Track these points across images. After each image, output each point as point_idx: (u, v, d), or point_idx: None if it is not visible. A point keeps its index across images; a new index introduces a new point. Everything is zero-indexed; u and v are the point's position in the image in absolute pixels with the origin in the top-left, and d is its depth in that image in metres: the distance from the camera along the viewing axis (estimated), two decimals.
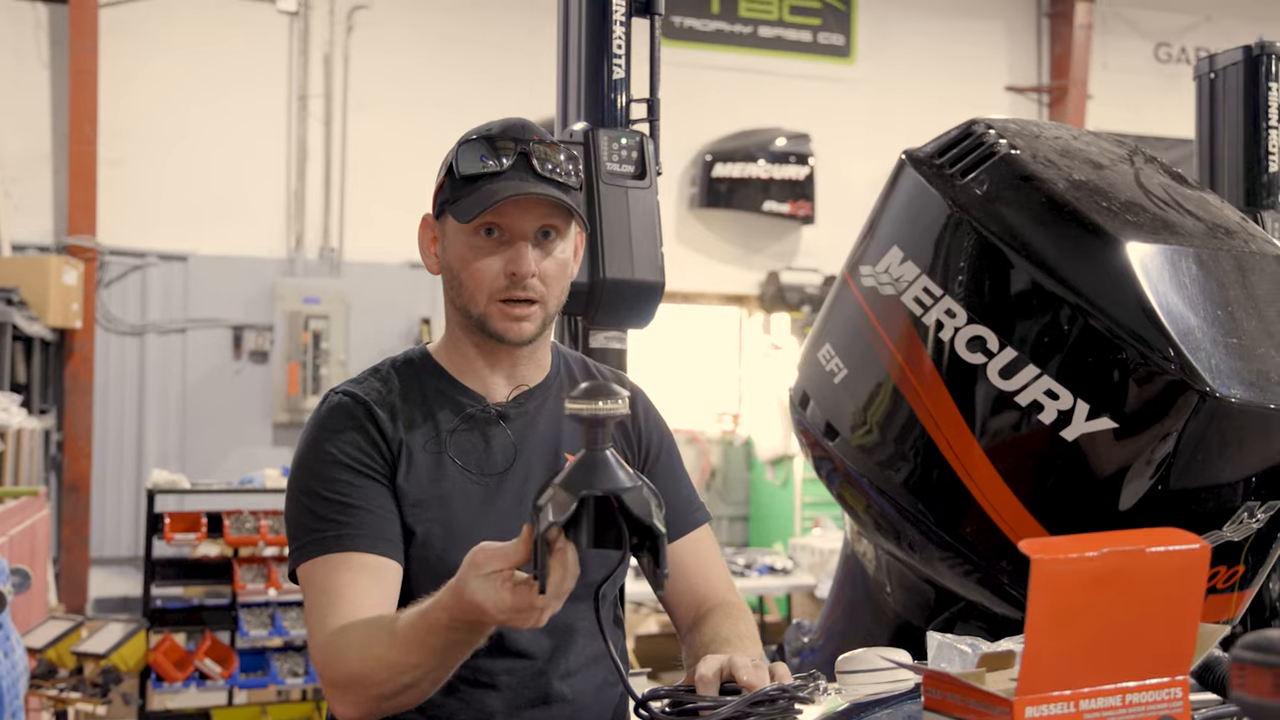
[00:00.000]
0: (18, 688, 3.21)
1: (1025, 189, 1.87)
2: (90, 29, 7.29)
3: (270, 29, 7.87)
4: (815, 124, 8.65)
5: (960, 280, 1.90)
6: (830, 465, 2.31)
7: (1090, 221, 1.79)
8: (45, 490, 5.03)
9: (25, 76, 7.36)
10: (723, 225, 8.69)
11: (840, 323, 2.22)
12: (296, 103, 7.89)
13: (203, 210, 7.62)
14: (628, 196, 2.19)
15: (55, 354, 7.24)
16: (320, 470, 1.58)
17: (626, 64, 2.31)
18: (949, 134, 2.06)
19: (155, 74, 7.58)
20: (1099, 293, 1.75)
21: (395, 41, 8.05)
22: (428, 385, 1.67)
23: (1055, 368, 1.78)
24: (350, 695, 1.46)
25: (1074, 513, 1.82)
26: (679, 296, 8.72)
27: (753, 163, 8.47)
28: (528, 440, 1.67)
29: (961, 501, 1.97)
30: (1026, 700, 0.98)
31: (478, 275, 1.61)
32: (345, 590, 1.51)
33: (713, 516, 7.43)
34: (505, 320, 1.61)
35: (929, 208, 2.00)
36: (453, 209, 1.60)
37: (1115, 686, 1.01)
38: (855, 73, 9.05)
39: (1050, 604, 0.97)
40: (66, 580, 7.19)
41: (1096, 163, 1.96)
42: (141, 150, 7.52)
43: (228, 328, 7.69)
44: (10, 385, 5.76)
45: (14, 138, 7.31)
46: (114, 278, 7.51)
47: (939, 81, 9.10)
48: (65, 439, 7.27)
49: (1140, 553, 1.01)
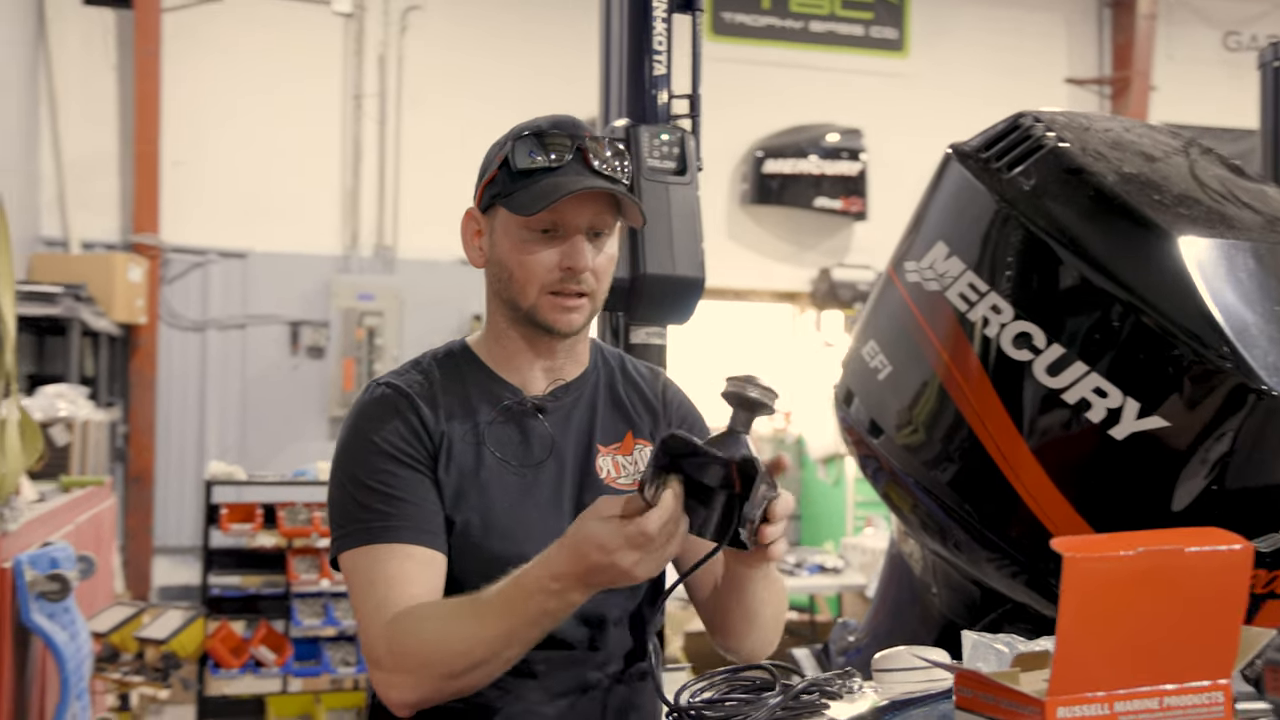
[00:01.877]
0: (83, 670, 3.29)
1: (1074, 182, 1.85)
2: (154, 33, 7.43)
3: (326, 30, 7.97)
4: (867, 119, 8.60)
5: (1006, 275, 1.88)
6: (875, 464, 2.30)
7: (1141, 215, 1.76)
8: (111, 480, 5.14)
9: (94, 80, 7.51)
10: (774, 222, 8.67)
11: (885, 319, 2.20)
12: (351, 102, 7.98)
13: (261, 209, 7.73)
14: (669, 192, 2.20)
15: (121, 349, 7.38)
16: (365, 459, 1.60)
17: (668, 60, 2.31)
18: (996, 127, 2.04)
19: (216, 76, 7.71)
20: (1150, 288, 1.72)
21: (448, 40, 8.11)
22: (467, 378, 1.69)
23: (1104, 365, 1.76)
24: (412, 677, 1.47)
25: (1124, 513, 1.79)
26: (730, 294, 8.71)
27: (804, 159, 8.44)
28: (564, 433, 1.69)
29: (1008, 502, 1.95)
30: (1059, 700, 0.97)
31: (530, 268, 1.62)
32: (397, 579, 1.53)
33: None
34: (556, 311, 1.63)
35: (975, 202, 1.98)
36: (507, 202, 1.61)
37: (1153, 689, 0.99)
38: (909, 67, 8.98)
39: (1082, 603, 0.96)
40: (131, 568, 7.33)
41: (1149, 155, 1.94)
42: (202, 150, 7.64)
43: (285, 324, 7.80)
44: (79, 379, 5.89)
45: (83, 139, 7.47)
46: (177, 275, 7.64)
47: (995, 75, 9.01)
48: (130, 431, 7.42)
49: (1178, 552, 1.00)
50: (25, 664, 3.19)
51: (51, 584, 3.03)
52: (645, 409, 1.77)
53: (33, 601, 3.00)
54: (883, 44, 8.98)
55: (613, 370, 1.79)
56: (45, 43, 7.31)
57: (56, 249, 7.30)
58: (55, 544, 3.24)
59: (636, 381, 1.79)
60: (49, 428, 4.20)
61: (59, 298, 5.53)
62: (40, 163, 7.34)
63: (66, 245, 7.33)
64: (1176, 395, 1.70)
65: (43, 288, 5.65)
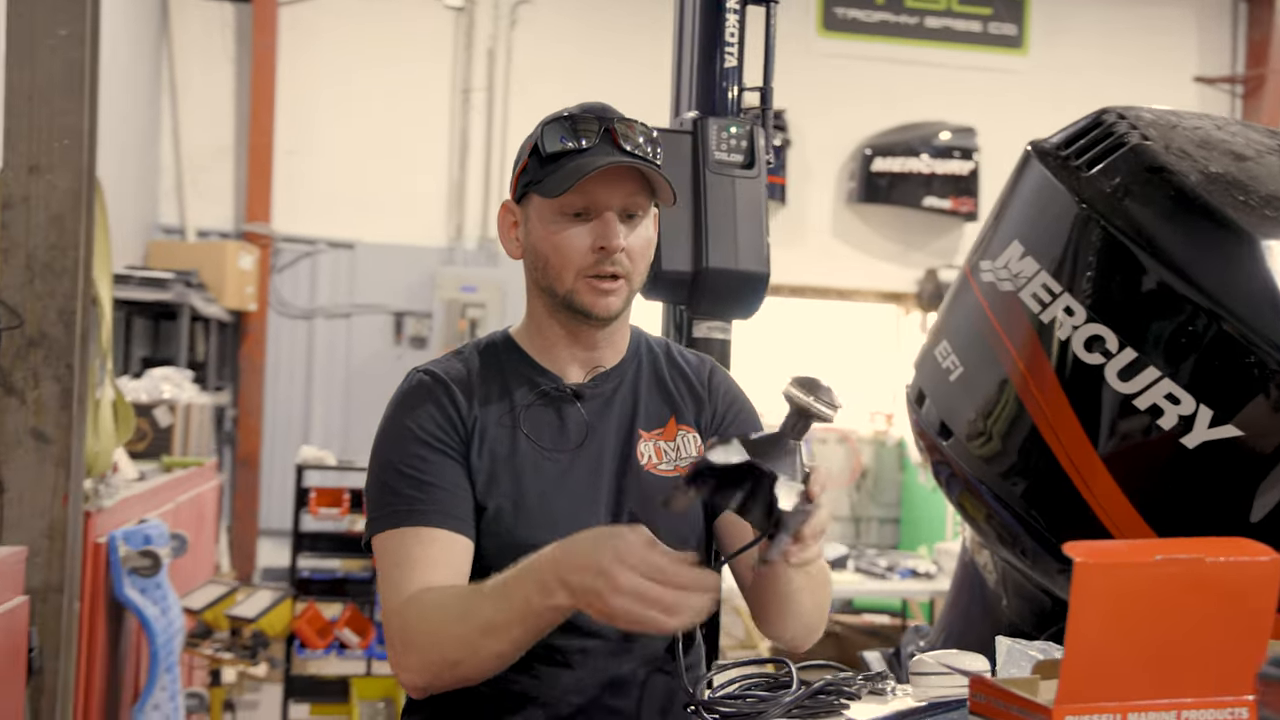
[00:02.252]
0: (173, 644, 3.39)
1: (1155, 182, 1.78)
2: (270, 26, 7.61)
3: (436, 24, 8.07)
4: (982, 118, 8.42)
5: (1080, 277, 1.82)
6: (948, 470, 2.25)
7: (1223, 216, 1.69)
8: (215, 462, 5.28)
9: (213, 72, 7.72)
10: (881, 221, 8.54)
11: (959, 320, 2.16)
12: (459, 96, 8.07)
13: (369, 200, 7.86)
14: (735, 186, 2.17)
15: (232, 335, 7.59)
16: (398, 445, 1.62)
17: (739, 52, 2.28)
18: (1077, 124, 1.98)
19: (329, 69, 7.86)
20: (1228, 292, 1.65)
21: (556, 33, 8.15)
22: (506, 366, 1.69)
23: (1177, 371, 1.69)
24: (418, 661, 1.48)
25: (1193, 524, 1.72)
26: (834, 293, 8.61)
27: (914, 157, 8.29)
28: (602, 419, 1.68)
29: (1077, 510, 1.89)
30: (1067, 709, 0.93)
31: (564, 252, 1.61)
32: (418, 562, 1.54)
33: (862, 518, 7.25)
34: (593, 295, 1.62)
35: (1052, 201, 1.92)
36: (538, 188, 1.62)
37: (1170, 701, 0.95)
38: (1027, 64, 8.77)
39: (1094, 610, 0.92)
40: (237, 549, 7.53)
41: (1239, 154, 1.85)
42: (314, 142, 7.81)
43: (390, 314, 7.92)
44: (189, 363, 6.07)
45: (202, 130, 7.68)
46: (286, 263, 7.82)
47: (1118, 73, 8.74)
48: (239, 415, 7.62)
49: (1199, 562, 0.95)
50: (120, 636, 3.30)
51: (143, 560, 3.13)
52: (690, 395, 1.76)
53: (125, 576, 3.09)
54: (1001, 40, 8.78)
55: (657, 356, 1.77)
56: (168, 36, 7.55)
57: (174, 236, 7.52)
58: (150, 521, 3.34)
59: (683, 368, 1.78)
60: (153, 409, 4.34)
61: (170, 283, 5.70)
62: (161, 152, 7.58)
63: (183, 233, 7.56)
64: (1254, 404, 1.63)
65: (155, 274, 5.83)
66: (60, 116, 2.53)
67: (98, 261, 2.71)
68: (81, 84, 2.55)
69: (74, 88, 2.54)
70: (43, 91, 2.51)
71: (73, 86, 2.54)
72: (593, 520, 1.61)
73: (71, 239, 2.52)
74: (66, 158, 2.53)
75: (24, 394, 2.44)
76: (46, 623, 2.42)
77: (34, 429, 2.44)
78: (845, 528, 8.52)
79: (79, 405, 2.52)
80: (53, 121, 2.53)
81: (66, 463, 2.48)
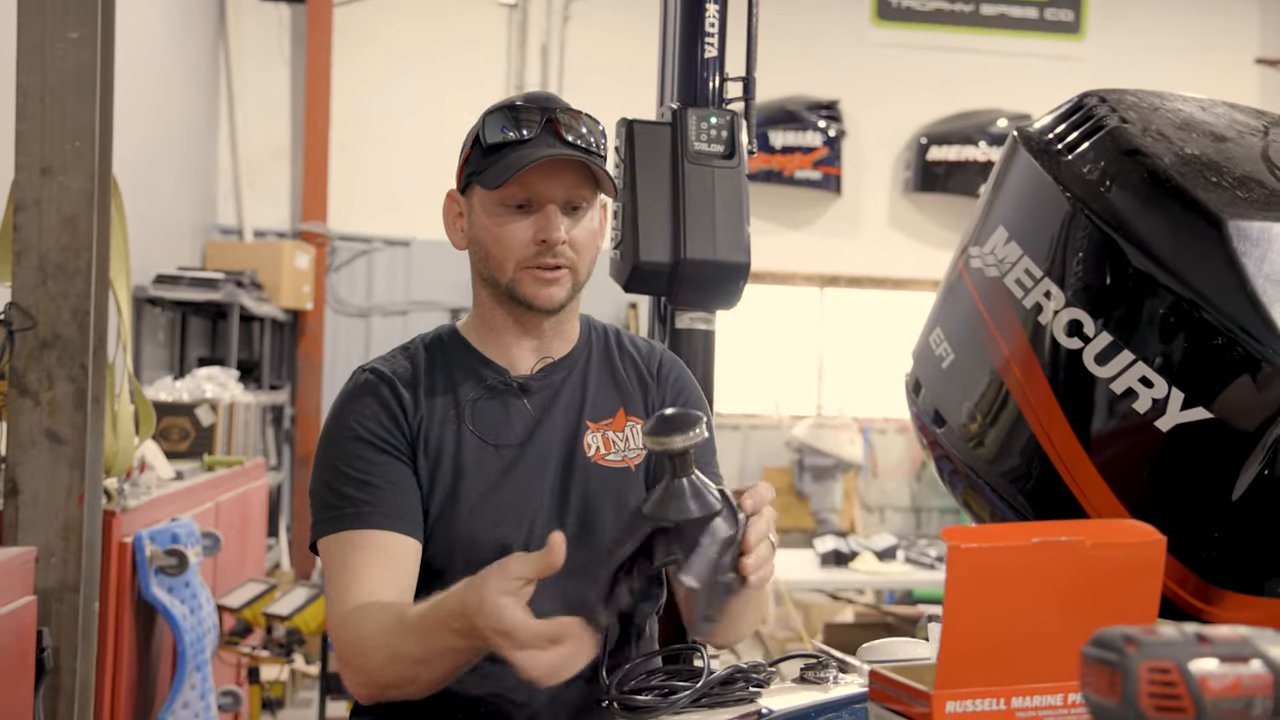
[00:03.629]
0: (203, 643, 3.44)
1: (1129, 164, 1.74)
2: (325, 26, 7.72)
3: (490, 21, 8.13)
4: (1039, 105, 8.20)
5: (1058, 261, 1.79)
6: (950, 466, 2.22)
7: (1191, 198, 1.65)
8: (261, 461, 5.36)
9: (269, 73, 7.85)
10: (937, 210, 8.44)
11: (951, 307, 2.13)
12: (513, 92, 8.11)
13: (424, 197, 7.88)
14: (714, 176, 2.16)
15: (289, 334, 7.71)
16: (342, 446, 1.62)
17: (720, 43, 2.27)
18: (1060, 108, 1.94)
19: (384, 69, 7.95)
20: (1196, 274, 1.61)
21: (610, 27, 8.16)
22: (453, 360, 1.69)
23: (1149, 354, 1.66)
24: (357, 676, 1.48)
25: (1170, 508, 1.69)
26: (890, 282, 8.53)
27: (971, 145, 8.19)
28: (550, 412, 1.67)
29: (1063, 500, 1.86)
30: (948, 694, 0.92)
31: (506, 244, 1.61)
32: (361, 569, 1.53)
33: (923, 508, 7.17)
34: (535, 285, 1.61)
35: (1033, 185, 1.89)
36: (480, 179, 1.62)
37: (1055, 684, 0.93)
38: (1085, 50, 8.61)
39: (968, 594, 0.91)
40: (297, 548, 7.64)
41: (1220, 135, 1.80)
42: (369, 141, 7.90)
43: (446, 310, 7.99)
44: (239, 362, 6.17)
45: (259, 131, 7.81)
46: (343, 262, 7.93)
47: (1177, 57, 8.55)
48: (297, 414, 7.73)
49: (1079, 545, 0.93)
50: (150, 636, 3.36)
51: (169, 559, 3.17)
52: (639, 385, 1.74)
53: (152, 576, 3.15)
54: (1057, 26, 8.63)
55: (608, 344, 1.76)
56: (225, 39, 7.68)
57: (231, 237, 7.66)
58: (179, 520, 3.39)
59: (633, 356, 1.77)
60: (195, 408, 4.42)
61: (220, 284, 5.80)
62: (218, 153, 7.72)
63: (240, 233, 7.69)
64: (1221, 385, 1.60)
65: (206, 274, 5.94)
66: (72, 118, 2.58)
67: (115, 261, 2.76)
68: (93, 85, 2.60)
69: (86, 89, 2.58)
70: (54, 93, 2.56)
71: (84, 88, 2.58)
72: (538, 514, 1.61)
73: (85, 240, 2.57)
74: (79, 159, 2.58)
75: (38, 395, 2.49)
76: (63, 623, 2.47)
77: (48, 430, 2.50)
78: (906, 518, 8.45)
79: (94, 405, 2.57)
80: (65, 123, 2.58)
81: (81, 463, 2.53)
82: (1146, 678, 0.67)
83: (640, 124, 2.22)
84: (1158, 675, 0.67)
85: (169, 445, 4.27)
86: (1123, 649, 0.69)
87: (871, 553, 5.70)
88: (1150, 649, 0.68)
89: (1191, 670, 0.67)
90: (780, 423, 8.20)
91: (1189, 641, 0.69)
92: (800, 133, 8.02)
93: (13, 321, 2.44)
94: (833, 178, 8.16)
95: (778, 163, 8.00)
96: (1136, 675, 0.68)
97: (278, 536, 7.27)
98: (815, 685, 1.40)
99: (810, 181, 8.08)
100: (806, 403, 8.45)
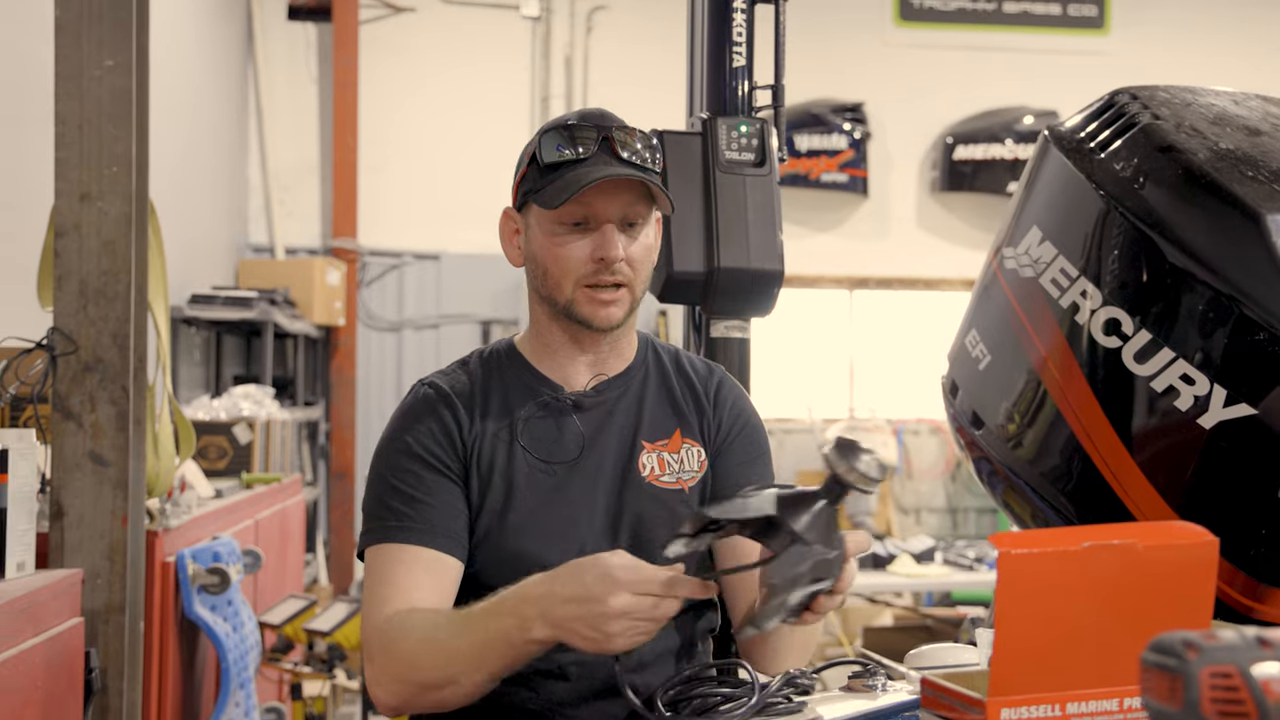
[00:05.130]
0: (246, 660, 3.46)
1: (1163, 161, 1.73)
2: (351, 44, 7.77)
3: (514, 34, 8.16)
4: (1064, 101, 8.22)
5: (1094, 260, 1.79)
6: (989, 466, 2.22)
7: (1228, 193, 1.64)
8: (298, 478, 5.39)
9: (297, 92, 7.91)
10: (965, 209, 8.41)
11: (986, 309, 2.13)
12: (539, 104, 8.14)
13: (453, 211, 7.97)
14: (745, 184, 2.16)
15: (322, 350, 7.75)
16: (395, 459, 1.64)
17: (748, 51, 2.27)
18: (1091, 106, 1.94)
19: (410, 83, 8.00)
20: (1236, 270, 1.60)
21: (634, 36, 8.18)
22: (508, 376, 1.70)
23: (1190, 350, 1.65)
24: (395, 681, 1.49)
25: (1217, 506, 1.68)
26: (920, 283, 8.50)
27: (998, 143, 8.15)
28: (603, 430, 1.67)
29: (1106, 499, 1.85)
30: (1001, 701, 0.91)
31: (563, 262, 1.62)
32: (400, 580, 1.55)
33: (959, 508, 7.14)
34: (593, 305, 1.62)
35: (1067, 185, 1.88)
36: (537, 198, 1.62)
37: (1111, 689, 0.92)
38: (1109, 45, 8.57)
39: (1020, 600, 0.91)
40: (334, 562, 7.67)
41: (1255, 129, 1.79)
42: (397, 156, 7.94)
43: (477, 323, 8.02)
44: (274, 379, 6.21)
45: (288, 149, 7.87)
46: (374, 277, 7.97)
47: (1204, 53, 8.49)
48: (332, 429, 7.77)
49: (1130, 548, 0.92)
50: (194, 654, 3.38)
51: (211, 577, 3.20)
52: (696, 407, 1.74)
53: (195, 594, 3.17)
54: (1082, 22, 8.59)
55: (665, 364, 1.76)
56: (253, 58, 7.75)
57: (263, 255, 7.72)
58: (220, 539, 3.42)
59: (690, 378, 1.77)
60: (232, 427, 4.45)
61: (254, 302, 5.84)
62: (249, 172, 7.78)
63: (272, 251, 7.75)
64: (1264, 380, 1.59)
65: (240, 293, 5.98)
66: (110, 144, 2.61)
67: (153, 284, 2.79)
68: (129, 111, 2.63)
69: (122, 115, 2.61)
70: (92, 120, 2.59)
71: (121, 114, 2.61)
72: (588, 534, 1.61)
73: (123, 264, 2.60)
74: (116, 184, 2.61)
75: (81, 418, 2.52)
76: (110, 644, 2.50)
77: (91, 452, 2.52)
78: (942, 519, 8.41)
79: (135, 427, 2.59)
80: (102, 150, 2.61)
81: (125, 485, 2.55)
82: (1208, 683, 0.67)
83: (671, 134, 2.23)
84: (1220, 680, 0.67)
85: (207, 464, 4.30)
86: (1183, 655, 0.69)
87: (909, 555, 5.68)
88: (1211, 654, 0.68)
89: (1254, 674, 0.67)
90: (813, 426, 8.18)
91: (1250, 645, 0.69)
92: (825, 136, 8.01)
93: (55, 346, 2.47)
94: (859, 180, 8.15)
95: (804, 166, 7.99)
96: (1198, 681, 0.68)
97: (315, 552, 7.30)
98: (864, 693, 1.40)
99: (837, 184, 8.07)
100: (839, 405, 8.43)
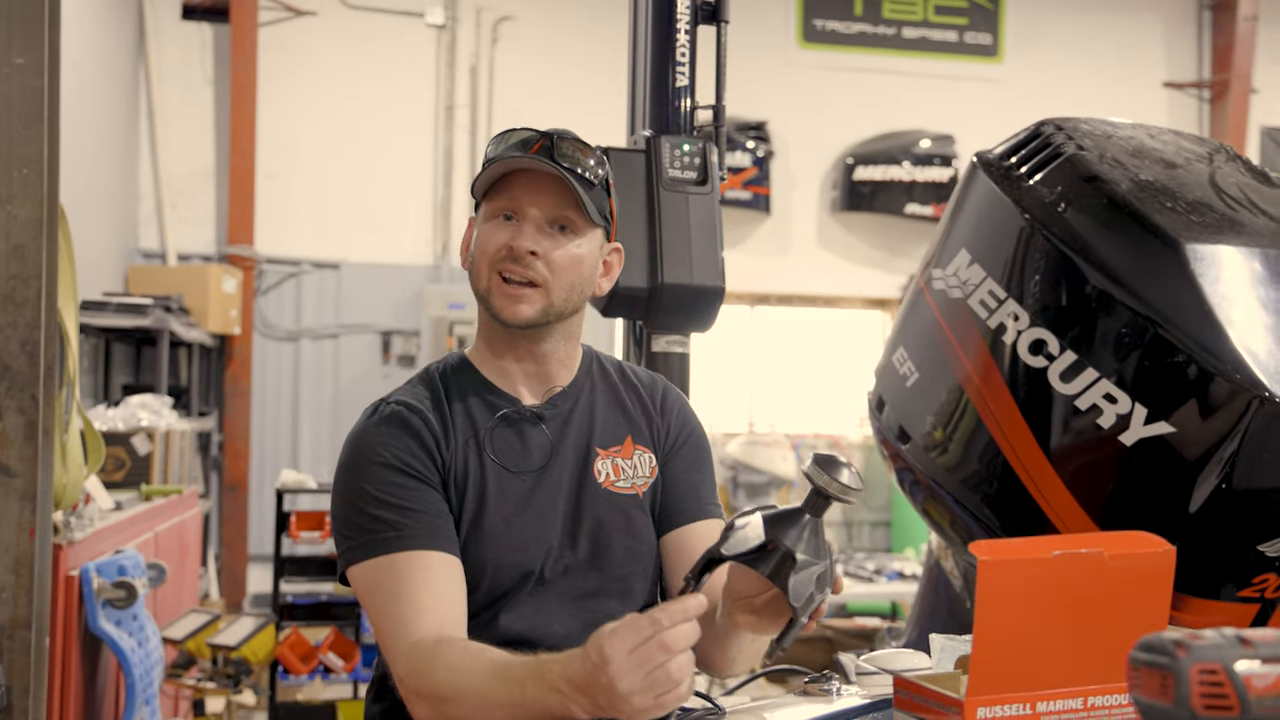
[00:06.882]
0: (151, 675, 3.38)
1: (1088, 190, 1.82)
2: (249, 46, 7.61)
3: (419, 42, 8.10)
4: (960, 125, 8.48)
5: (1022, 283, 1.86)
6: (911, 476, 2.29)
7: (1150, 222, 1.73)
8: (195, 490, 5.27)
9: (192, 94, 7.73)
10: (864, 228, 8.58)
11: (914, 328, 2.20)
12: (444, 113, 8.09)
13: (354, 219, 7.88)
14: (688, 202, 2.20)
15: (216, 359, 7.58)
16: (373, 473, 1.60)
17: (691, 72, 2.31)
18: (1018, 135, 2.02)
19: (310, 89, 7.88)
20: (1157, 295, 1.69)
21: (539, 49, 8.18)
22: (466, 387, 1.70)
23: (1113, 371, 1.73)
24: (432, 710, 1.45)
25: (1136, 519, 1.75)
26: (820, 300, 8.65)
27: (896, 165, 8.35)
28: (563, 439, 1.69)
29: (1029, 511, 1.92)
30: (978, 700, 0.96)
31: (482, 247, 1.64)
32: (418, 592, 1.51)
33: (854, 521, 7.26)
34: (504, 298, 1.62)
35: (995, 210, 1.96)
36: (473, 189, 1.66)
37: (1076, 689, 0.97)
38: (1003, 72, 8.83)
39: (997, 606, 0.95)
40: (226, 575, 7.51)
41: (1170, 162, 1.89)
42: (297, 163, 7.82)
43: (377, 333, 7.93)
44: (170, 389, 6.05)
45: (181, 153, 7.69)
46: (271, 285, 7.83)
47: (1091, 79, 8.81)
48: (225, 440, 7.60)
49: (1097, 556, 0.98)
50: (96, 670, 3.29)
51: (118, 591, 3.11)
52: (644, 415, 1.78)
53: (100, 609, 3.08)
54: (977, 49, 8.84)
55: (610, 374, 1.79)
56: (145, 58, 7.56)
57: (154, 261, 7.52)
58: (125, 552, 3.33)
59: (636, 386, 1.80)
60: (130, 437, 4.34)
61: (149, 309, 5.70)
62: (139, 176, 7.59)
63: (164, 258, 7.55)
64: (1180, 401, 1.67)
65: (133, 299, 5.83)
66: (19, 145, 2.53)
67: (62, 290, 2.72)
68: (40, 111, 2.55)
69: (33, 116, 2.53)
70: (1, 121, 2.51)
71: (32, 115, 2.53)
72: (552, 539, 1.62)
73: (34, 269, 2.52)
74: (26, 187, 2.52)
75: None
76: (15, 660, 2.41)
77: None
78: (838, 532, 8.55)
79: (44, 437, 2.51)
80: (11, 151, 2.52)
81: (33, 496, 2.47)
82: (1197, 679, 0.72)
83: (615, 151, 2.25)
84: (1207, 676, 0.71)
85: (105, 475, 4.18)
86: (1174, 653, 0.73)
87: None
88: (1199, 652, 0.73)
89: (1237, 671, 0.72)
90: (714, 440, 8.25)
91: (1233, 644, 0.73)
92: (730, 153, 8.11)
93: None
94: (762, 197, 8.27)
95: None
96: (1188, 677, 0.72)
97: (206, 566, 7.14)
98: (820, 698, 1.43)
99: (740, 201, 8.17)
100: (739, 420, 8.52)
